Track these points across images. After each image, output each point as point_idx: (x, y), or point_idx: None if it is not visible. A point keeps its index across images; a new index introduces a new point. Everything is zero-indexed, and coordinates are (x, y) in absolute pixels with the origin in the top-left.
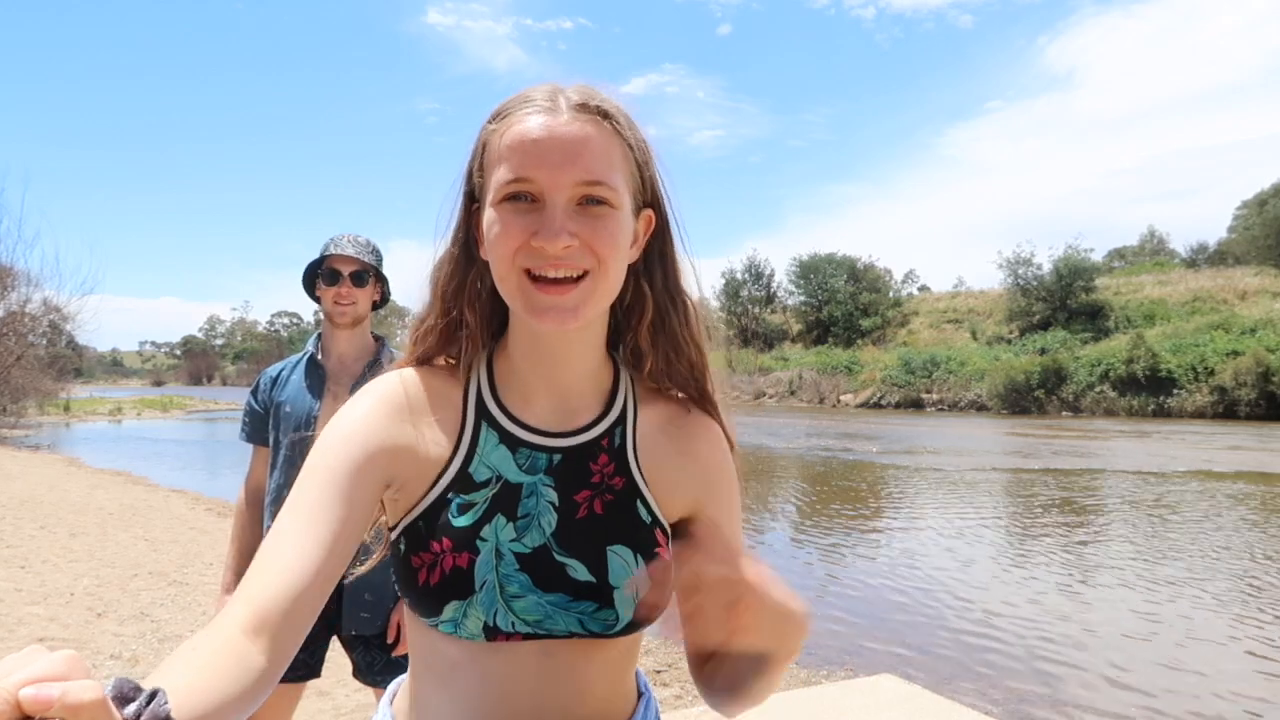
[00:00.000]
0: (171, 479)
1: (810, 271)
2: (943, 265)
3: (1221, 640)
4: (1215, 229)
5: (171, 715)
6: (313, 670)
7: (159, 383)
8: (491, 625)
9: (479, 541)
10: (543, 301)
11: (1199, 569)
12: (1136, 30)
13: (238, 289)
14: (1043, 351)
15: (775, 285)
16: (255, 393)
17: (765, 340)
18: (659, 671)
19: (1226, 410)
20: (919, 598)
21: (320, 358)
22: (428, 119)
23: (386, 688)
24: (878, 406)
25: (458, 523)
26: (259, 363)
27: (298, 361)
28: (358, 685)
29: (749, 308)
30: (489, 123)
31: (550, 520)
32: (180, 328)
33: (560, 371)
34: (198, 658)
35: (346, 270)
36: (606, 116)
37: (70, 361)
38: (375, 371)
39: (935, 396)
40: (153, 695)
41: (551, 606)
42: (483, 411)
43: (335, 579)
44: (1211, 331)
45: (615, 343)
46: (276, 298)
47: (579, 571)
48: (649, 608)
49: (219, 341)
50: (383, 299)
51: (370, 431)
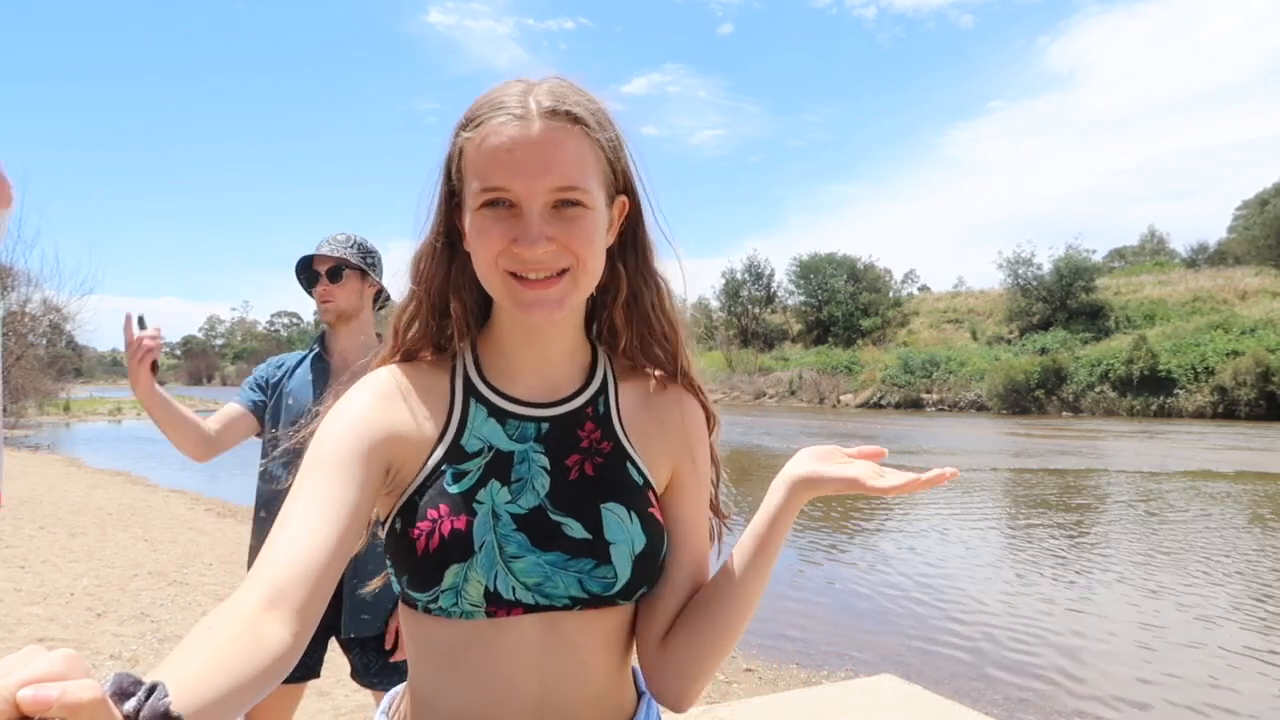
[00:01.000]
0: (171, 479)
1: (810, 271)
2: (943, 265)
3: (1222, 640)
4: (1215, 229)
5: (171, 709)
6: (312, 671)
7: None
8: (492, 590)
9: (475, 504)
10: (528, 297)
11: (1199, 569)
12: (1138, 30)
13: (238, 289)
14: (1043, 351)
15: (775, 285)
16: (257, 373)
17: (765, 340)
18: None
19: (1226, 410)
20: (919, 598)
21: (326, 355)
22: (428, 119)
23: (384, 690)
24: (878, 407)
25: (453, 489)
26: (259, 363)
27: (304, 357)
28: (357, 686)
29: (749, 308)
30: (463, 129)
31: (543, 482)
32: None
33: (544, 351)
34: (212, 643)
35: (323, 269)
36: (577, 121)
37: (70, 361)
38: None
39: (935, 397)
40: (152, 689)
41: (550, 566)
42: (471, 390)
43: (347, 557)
44: (1211, 331)
45: (591, 321)
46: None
47: (575, 529)
48: None
49: (219, 341)
50: (379, 294)
51: (371, 419)
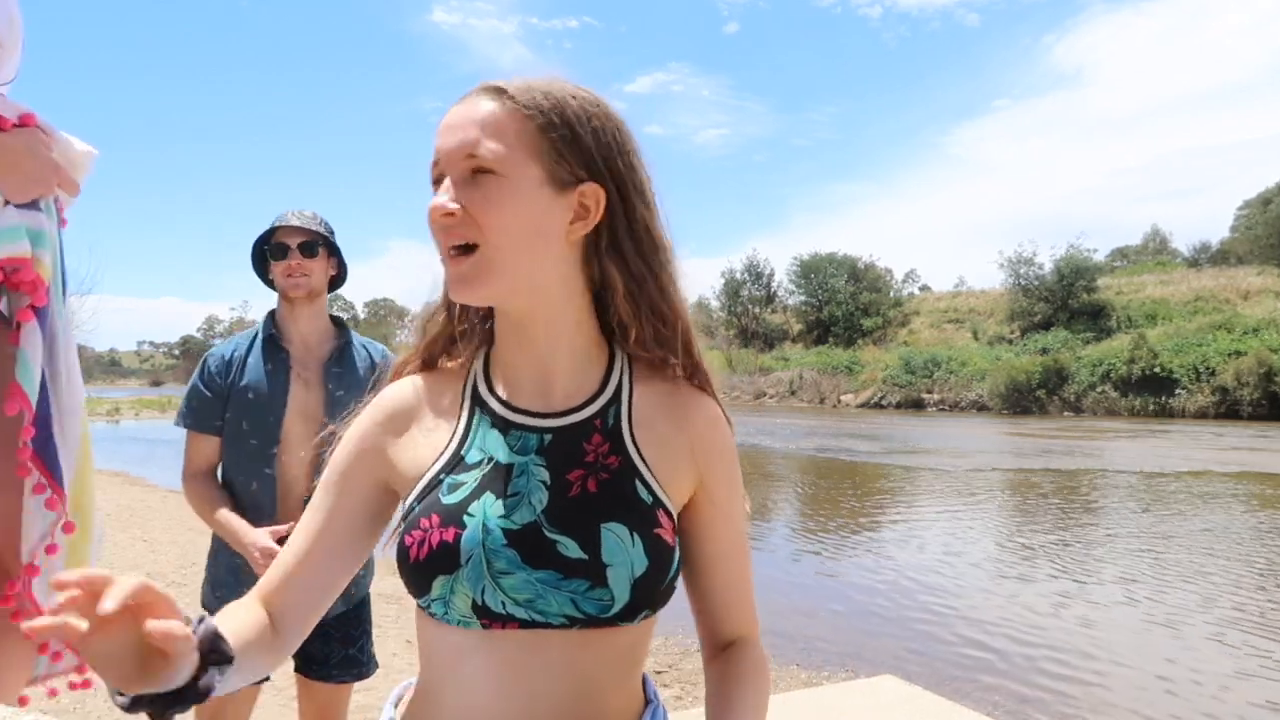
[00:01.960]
0: (170, 479)
1: (811, 271)
2: (945, 265)
3: (1223, 642)
4: (1220, 228)
5: (219, 630)
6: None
7: (157, 383)
8: (481, 604)
9: (466, 517)
10: (449, 274)
11: (1202, 570)
12: (1145, 28)
13: (237, 289)
14: (1044, 351)
15: (775, 285)
16: (204, 375)
17: (765, 340)
18: (659, 672)
19: (1229, 410)
20: (920, 598)
21: (281, 340)
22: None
23: (344, 682)
24: (878, 406)
25: (446, 500)
26: None
27: (250, 343)
28: (359, 686)
29: (749, 307)
30: None
31: (541, 498)
32: (179, 328)
33: (541, 354)
34: (243, 614)
35: (294, 241)
36: (499, 92)
37: None
38: (346, 355)
39: (936, 396)
40: (201, 619)
41: (541, 584)
42: (477, 399)
43: (348, 567)
44: (1214, 331)
45: (606, 320)
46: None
47: (569, 548)
48: None
49: (217, 341)
50: (339, 277)
51: (377, 435)
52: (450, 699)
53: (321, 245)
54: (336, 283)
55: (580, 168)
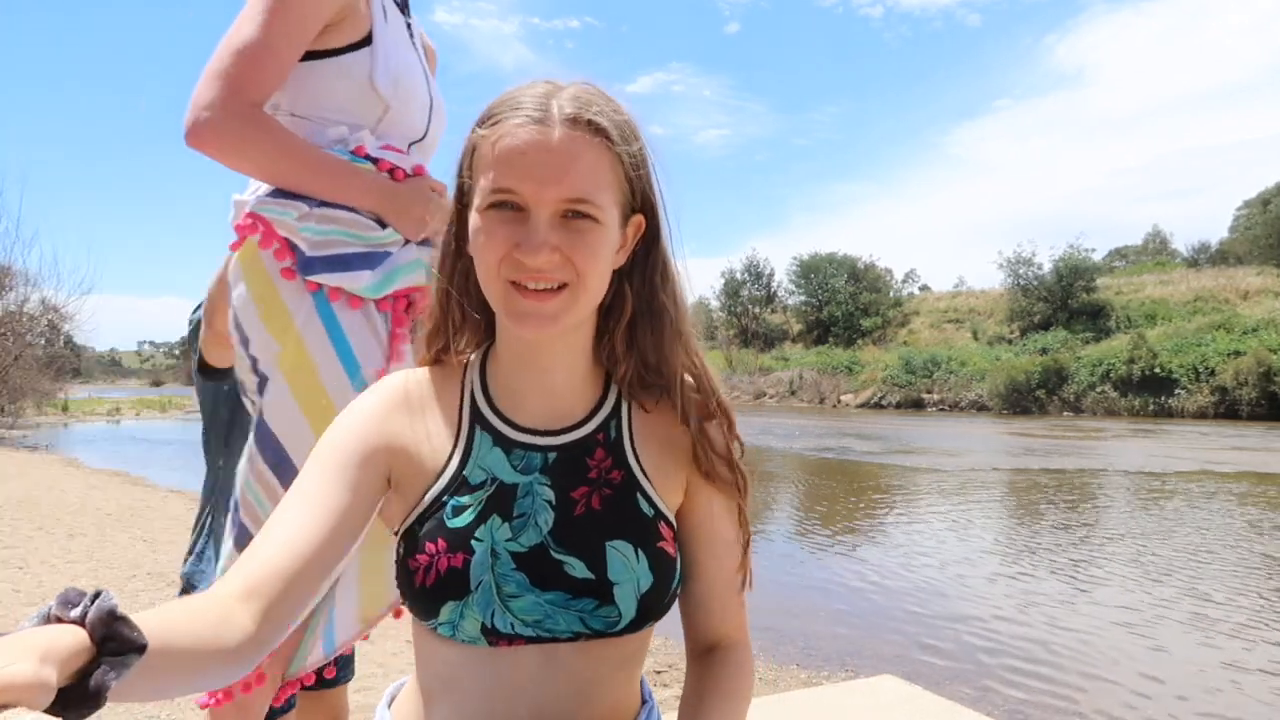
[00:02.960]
0: (170, 479)
1: (810, 271)
2: (944, 265)
3: (1224, 643)
4: (1219, 228)
5: (117, 609)
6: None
7: (157, 383)
8: (490, 626)
9: (474, 542)
10: (523, 307)
11: (1201, 571)
12: (1146, 28)
13: None
14: (1044, 351)
15: (775, 285)
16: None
17: (765, 340)
18: (659, 672)
19: (1228, 410)
20: (920, 598)
21: None
22: None
23: (347, 681)
24: (878, 406)
25: (452, 524)
26: None
27: None
28: (356, 685)
29: (749, 307)
30: (479, 126)
31: (547, 519)
32: (179, 328)
33: (548, 374)
34: (183, 605)
35: None
36: (599, 131)
37: (68, 361)
38: None
39: (936, 396)
40: (97, 594)
41: (550, 605)
42: (476, 415)
43: (335, 561)
44: (1213, 331)
45: (601, 345)
46: None
47: (577, 569)
48: None
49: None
50: None
51: (376, 426)
52: (452, 706)
53: None
54: None
55: (634, 199)
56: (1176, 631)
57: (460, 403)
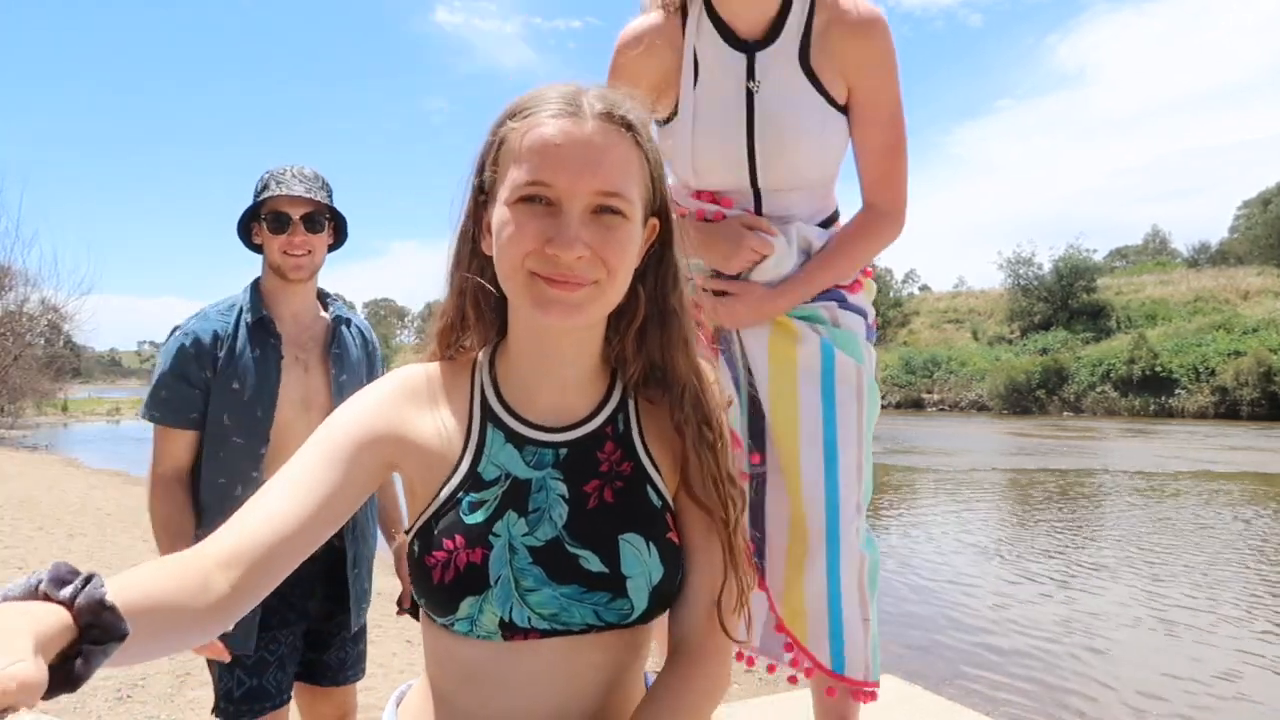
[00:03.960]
0: None
1: None
2: (945, 265)
3: (1222, 643)
4: (1220, 228)
5: (106, 598)
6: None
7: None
8: (508, 621)
9: (491, 537)
10: (549, 294)
11: (1202, 570)
12: (1147, 28)
13: (237, 289)
14: (1044, 351)
15: None
16: (179, 362)
17: None
18: (659, 672)
19: (1228, 410)
20: (920, 598)
21: (271, 322)
22: (434, 118)
23: (351, 683)
24: None
25: (469, 520)
26: None
27: (235, 325)
28: (361, 686)
29: None
30: (509, 119)
31: (561, 513)
32: None
33: (560, 367)
34: (161, 568)
35: (297, 213)
36: (630, 127)
37: (68, 361)
38: (340, 333)
39: (936, 396)
40: (89, 579)
41: (566, 599)
42: (488, 412)
43: (318, 540)
44: (1213, 331)
45: (610, 347)
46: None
47: (591, 562)
48: None
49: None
50: (338, 240)
51: (382, 414)
52: (468, 704)
53: (327, 217)
54: (333, 248)
55: (654, 200)
56: (1176, 630)
57: (470, 399)
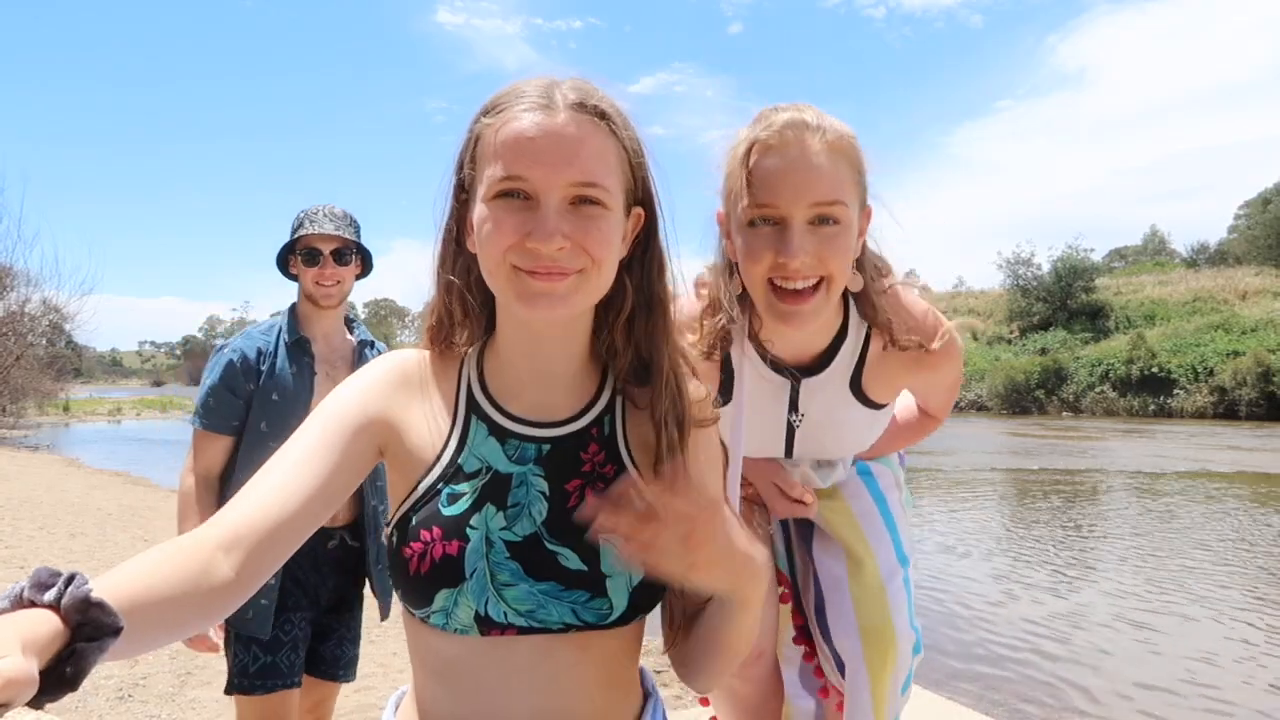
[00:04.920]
0: (171, 480)
1: None
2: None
3: (1221, 643)
4: (1219, 229)
5: (91, 595)
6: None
7: (158, 383)
8: (483, 615)
9: (469, 529)
10: (534, 288)
11: (1199, 571)
12: (1148, 28)
13: (238, 289)
14: (1043, 351)
15: None
16: (227, 375)
17: None
18: (660, 671)
19: (1227, 410)
20: (919, 598)
21: (307, 342)
22: (435, 118)
23: (345, 681)
24: None
25: (447, 511)
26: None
27: (276, 343)
28: (357, 685)
29: None
30: (483, 116)
31: (541, 509)
32: (180, 328)
33: (548, 364)
34: (157, 553)
35: (327, 249)
36: (604, 116)
37: (69, 361)
38: (363, 355)
39: None
40: (70, 578)
41: (544, 595)
42: (472, 405)
43: (317, 522)
44: (1212, 331)
45: (599, 339)
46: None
47: (570, 560)
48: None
49: (219, 342)
50: (364, 270)
51: (376, 398)
52: (450, 703)
53: (354, 252)
54: (360, 277)
55: (636, 190)
56: (1176, 631)
57: (457, 391)
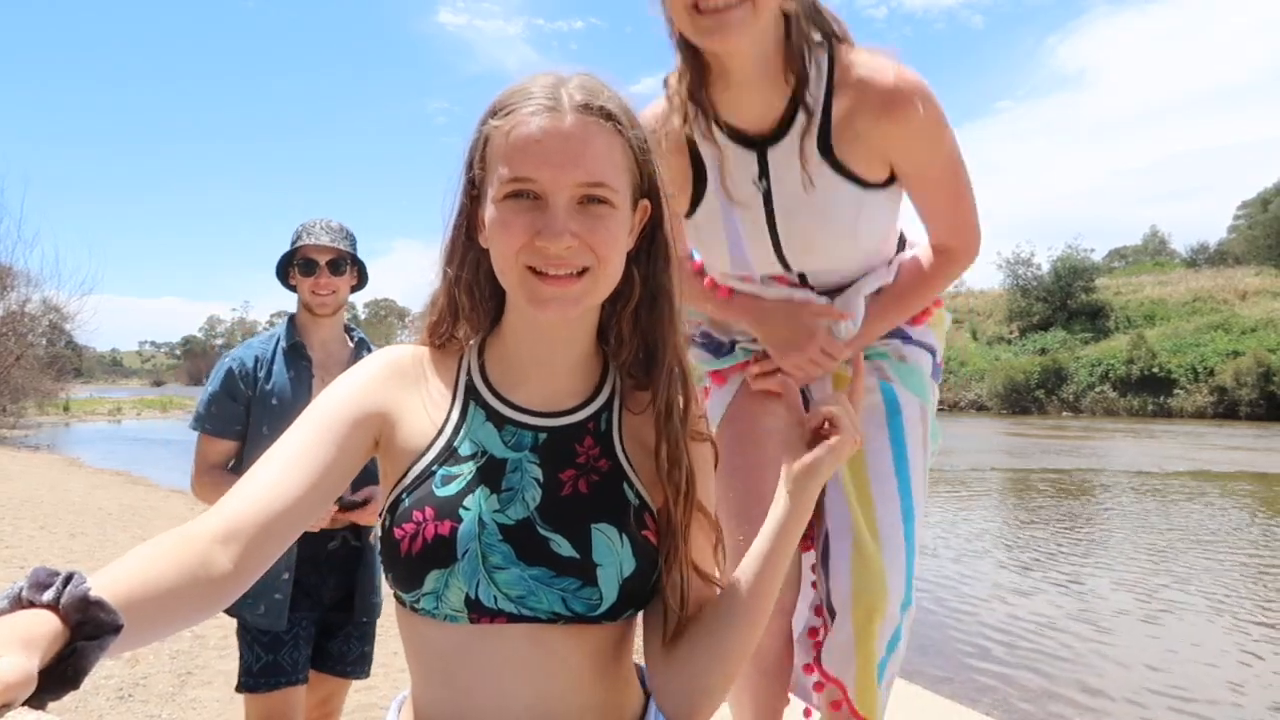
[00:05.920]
0: (171, 479)
1: None
2: None
3: (1220, 643)
4: (1219, 229)
5: (90, 593)
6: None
7: (158, 383)
8: (474, 598)
9: (462, 510)
10: (545, 293)
11: (1199, 570)
12: (1147, 29)
13: (238, 289)
14: (1043, 351)
15: None
16: (227, 383)
17: None
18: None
19: (1227, 410)
20: (919, 598)
21: (304, 348)
22: (437, 119)
23: (356, 678)
24: None
25: (441, 493)
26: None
27: (274, 351)
28: (358, 685)
29: None
30: (491, 118)
31: (534, 495)
32: (180, 328)
33: (553, 355)
34: (156, 549)
35: (323, 259)
36: (609, 117)
37: (70, 361)
38: (363, 355)
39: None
40: (69, 578)
41: (534, 581)
42: (471, 391)
43: (312, 515)
44: (1211, 331)
45: (605, 332)
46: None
47: (562, 546)
48: None
49: (219, 342)
50: (360, 282)
51: (372, 390)
52: (445, 697)
53: (348, 262)
54: (355, 289)
55: (642, 184)
56: (1175, 630)
57: (456, 379)
